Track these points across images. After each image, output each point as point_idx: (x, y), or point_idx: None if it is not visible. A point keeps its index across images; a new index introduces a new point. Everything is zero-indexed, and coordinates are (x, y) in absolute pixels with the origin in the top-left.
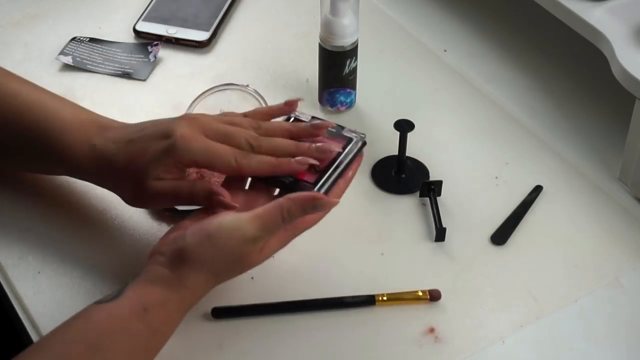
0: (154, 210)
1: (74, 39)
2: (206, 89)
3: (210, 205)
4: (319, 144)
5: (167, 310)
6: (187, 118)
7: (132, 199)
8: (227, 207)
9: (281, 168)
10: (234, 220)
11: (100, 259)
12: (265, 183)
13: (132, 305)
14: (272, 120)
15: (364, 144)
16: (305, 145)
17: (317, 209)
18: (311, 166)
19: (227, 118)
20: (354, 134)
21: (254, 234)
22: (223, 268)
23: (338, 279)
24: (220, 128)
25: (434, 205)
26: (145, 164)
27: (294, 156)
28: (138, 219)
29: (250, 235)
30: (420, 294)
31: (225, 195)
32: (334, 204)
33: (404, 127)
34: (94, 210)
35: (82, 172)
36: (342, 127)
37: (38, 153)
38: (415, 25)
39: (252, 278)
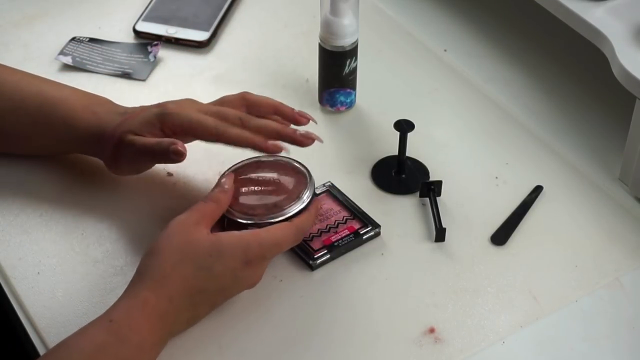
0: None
1: (73, 39)
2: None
3: (168, 157)
4: (303, 131)
5: (132, 316)
6: (186, 99)
7: (111, 159)
8: (179, 153)
9: (255, 143)
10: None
11: (100, 260)
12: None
13: (99, 321)
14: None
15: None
16: (291, 129)
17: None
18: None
19: (221, 100)
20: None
21: (188, 215)
22: (177, 256)
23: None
24: (212, 108)
25: (433, 206)
26: (134, 122)
27: (278, 137)
28: (138, 221)
29: (185, 217)
30: None
31: (180, 145)
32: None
33: (404, 127)
34: (94, 212)
35: (81, 138)
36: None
37: (47, 126)
38: (415, 25)
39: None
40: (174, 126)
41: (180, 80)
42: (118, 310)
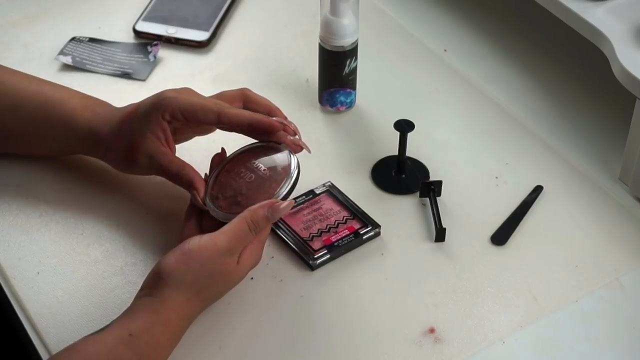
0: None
1: (73, 38)
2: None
3: (187, 189)
4: (292, 138)
5: (153, 334)
6: (185, 87)
7: (123, 161)
8: (197, 204)
9: (258, 120)
10: (208, 236)
11: (100, 260)
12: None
13: (117, 332)
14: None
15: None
16: (282, 133)
17: (275, 213)
18: None
19: (220, 94)
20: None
21: (227, 245)
22: (203, 283)
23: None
24: (211, 99)
25: (433, 206)
26: (138, 118)
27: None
28: (138, 221)
29: (222, 246)
30: None
31: (200, 192)
32: (289, 206)
33: (404, 127)
34: (94, 212)
35: (82, 138)
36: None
37: (47, 126)
38: (415, 25)
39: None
40: (174, 111)
41: (180, 80)
42: (138, 324)
